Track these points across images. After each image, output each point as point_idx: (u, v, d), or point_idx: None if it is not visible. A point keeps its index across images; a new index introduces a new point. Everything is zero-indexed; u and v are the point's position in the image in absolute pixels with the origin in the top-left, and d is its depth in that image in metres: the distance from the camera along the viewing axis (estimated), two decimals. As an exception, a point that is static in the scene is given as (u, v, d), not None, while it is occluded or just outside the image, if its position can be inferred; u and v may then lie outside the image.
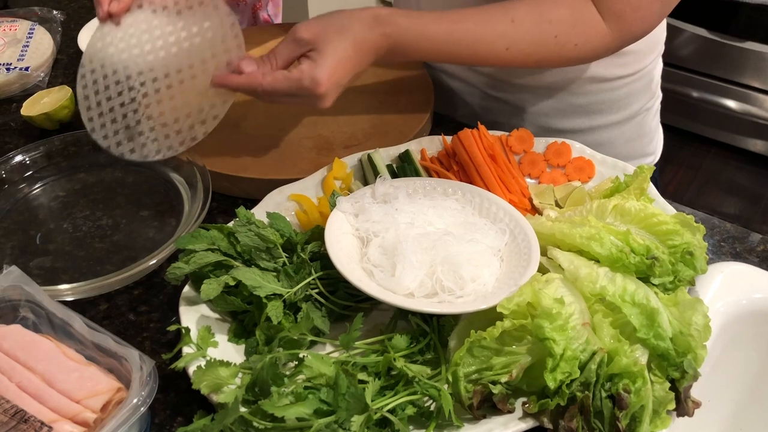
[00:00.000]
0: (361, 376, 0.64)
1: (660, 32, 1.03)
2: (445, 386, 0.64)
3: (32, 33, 1.15)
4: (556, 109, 1.03)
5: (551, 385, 0.61)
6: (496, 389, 0.63)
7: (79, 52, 1.15)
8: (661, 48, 1.05)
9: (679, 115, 2.57)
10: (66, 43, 1.19)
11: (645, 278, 0.70)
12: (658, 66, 1.08)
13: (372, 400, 0.60)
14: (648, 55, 1.02)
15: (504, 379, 0.63)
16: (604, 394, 0.61)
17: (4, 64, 1.08)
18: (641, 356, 0.63)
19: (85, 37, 1.16)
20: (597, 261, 0.71)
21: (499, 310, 0.65)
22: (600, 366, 0.62)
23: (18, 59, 1.09)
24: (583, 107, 1.02)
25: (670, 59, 1.03)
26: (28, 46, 1.12)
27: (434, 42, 0.82)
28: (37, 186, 0.90)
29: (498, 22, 0.82)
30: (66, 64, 1.15)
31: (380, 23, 0.80)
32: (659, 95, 1.11)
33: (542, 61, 0.85)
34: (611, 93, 1.02)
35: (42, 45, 1.14)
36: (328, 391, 0.60)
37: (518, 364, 0.64)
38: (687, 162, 2.57)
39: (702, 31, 2.42)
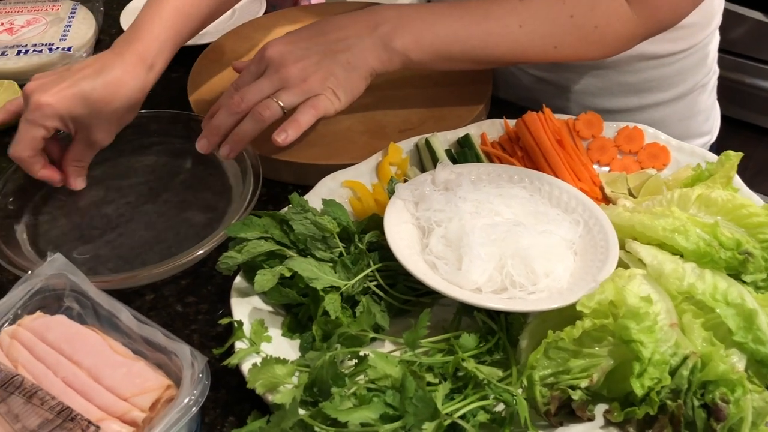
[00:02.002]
0: (427, 377, 0.59)
1: (717, 3, 0.96)
2: (519, 390, 0.59)
3: (74, 13, 1.12)
4: (602, 88, 0.97)
5: (638, 391, 0.56)
6: (576, 395, 0.57)
7: (121, 33, 1.11)
8: (718, 20, 0.99)
9: (730, 102, 2.46)
10: (108, 23, 1.16)
11: (734, 275, 0.64)
12: (715, 40, 1.01)
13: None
14: (704, 29, 0.96)
15: (584, 383, 0.58)
16: (696, 403, 0.56)
17: (46, 44, 1.05)
18: (738, 362, 0.57)
19: (127, 18, 1.12)
20: (681, 255, 0.66)
21: (579, 308, 0.59)
22: (693, 372, 0.56)
23: (60, 39, 1.06)
24: (632, 85, 0.96)
25: (720, 43, 0.98)
26: (70, 26, 1.09)
27: (438, 22, 0.78)
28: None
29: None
30: (108, 45, 1.11)
31: (387, 50, 0.77)
32: (716, 71, 1.05)
33: (562, 46, 0.80)
34: (662, 70, 0.96)
35: (84, 25, 1.10)
36: (394, 394, 0.55)
37: (599, 367, 0.59)
38: (738, 150, 2.47)
39: (757, 15, 2.31)
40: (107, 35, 1.14)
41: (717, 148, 1.05)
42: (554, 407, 0.57)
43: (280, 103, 0.76)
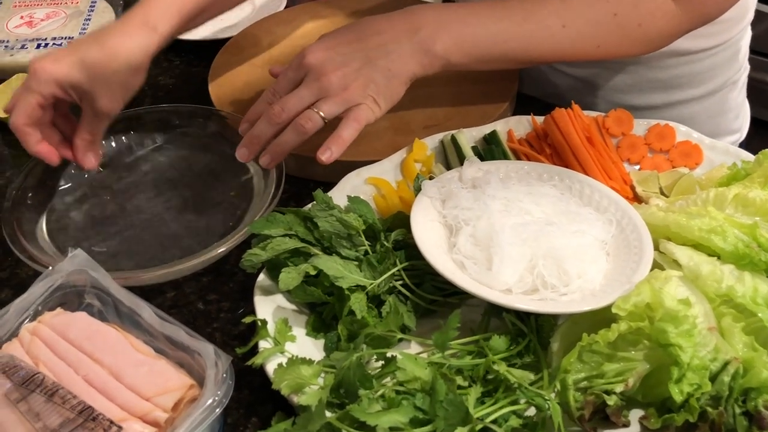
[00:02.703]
0: (456, 380, 0.58)
1: None
2: (552, 394, 0.57)
3: (94, 6, 1.11)
4: (631, 84, 0.95)
5: (677, 398, 0.54)
6: (611, 400, 0.55)
7: (141, 27, 1.10)
8: (751, 16, 0.97)
9: (759, 105, 2.42)
10: (127, 18, 1.15)
11: (773, 278, 0.62)
12: (747, 35, 0.99)
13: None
14: (737, 24, 0.93)
15: (619, 388, 0.56)
16: (738, 411, 0.54)
17: (66, 37, 1.04)
18: (780, 368, 0.55)
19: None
20: (717, 257, 0.64)
21: (614, 311, 0.57)
22: (734, 378, 0.54)
23: (80, 33, 1.05)
24: (661, 82, 0.94)
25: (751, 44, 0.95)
26: (89, 19, 1.08)
27: (477, 25, 0.76)
28: (99, 165, 0.85)
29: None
30: (127, 39, 1.11)
31: (427, 55, 0.75)
32: (746, 67, 1.02)
33: (605, 45, 0.78)
34: (693, 66, 0.94)
35: (104, 19, 1.09)
36: (423, 397, 0.54)
37: (635, 372, 0.57)
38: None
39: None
40: (127, 29, 1.13)
41: (745, 147, 1.03)
42: (588, 412, 0.56)
43: (321, 113, 0.74)
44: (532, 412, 0.58)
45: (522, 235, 0.64)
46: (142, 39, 0.74)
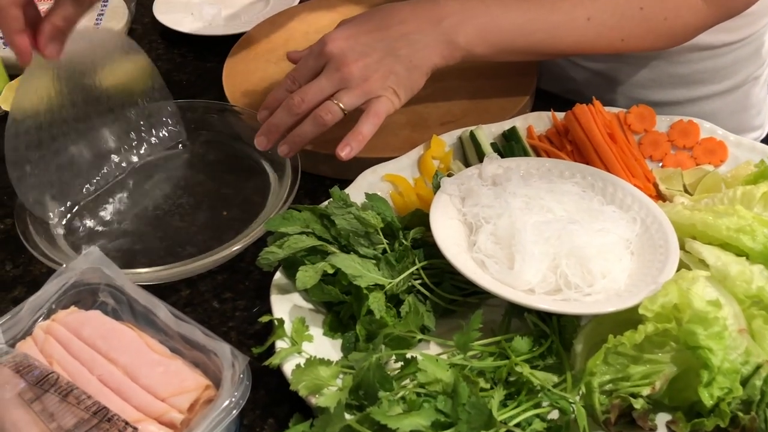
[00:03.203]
0: (479, 382, 0.56)
1: None
2: (576, 397, 0.56)
3: (107, 1, 1.10)
4: (652, 80, 0.93)
5: (707, 402, 0.52)
6: (637, 403, 0.54)
7: (155, 22, 1.09)
8: None
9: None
10: (140, 12, 1.14)
11: (805, 278, 0.60)
12: None
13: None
14: (760, 19, 0.92)
15: (646, 391, 0.55)
16: (769, 416, 0.52)
17: (78, 32, 1.03)
18: (814, 372, 0.53)
19: (159, 7, 1.10)
20: (746, 256, 0.62)
21: (641, 311, 0.56)
22: (766, 382, 0.52)
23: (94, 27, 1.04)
24: (682, 77, 0.93)
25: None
26: (102, 14, 1.07)
27: (509, 31, 0.75)
28: (112, 161, 0.84)
29: None
30: (140, 35, 1.10)
31: (450, 46, 0.74)
32: None
33: (630, 38, 0.77)
34: (715, 61, 0.92)
35: (117, 14, 1.08)
36: (445, 399, 0.52)
37: (662, 374, 0.55)
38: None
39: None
40: (140, 24, 1.12)
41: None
42: (614, 416, 0.54)
43: (341, 105, 0.73)
44: (554, 415, 0.57)
45: (545, 234, 0.62)
46: None
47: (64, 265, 0.64)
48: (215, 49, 1.03)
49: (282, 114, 0.74)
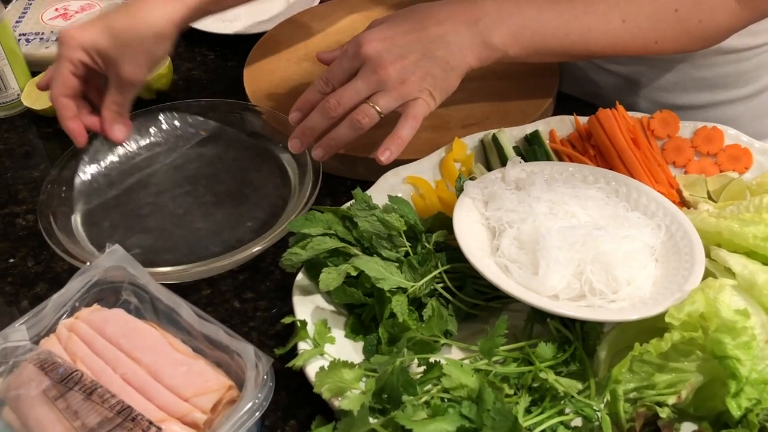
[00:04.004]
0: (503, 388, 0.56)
1: None
2: (601, 405, 0.55)
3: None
4: (675, 83, 0.93)
5: (735, 412, 0.52)
6: (663, 412, 0.53)
7: (175, 20, 1.09)
8: None
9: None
10: (161, 11, 1.14)
11: (831, 289, 0.60)
12: None
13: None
14: None
15: (671, 400, 0.54)
16: (797, 428, 0.51)
17: (100, 30, 1.04)
18: (843, 384, 0.53)
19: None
20: (772, 266, 0.61)
21: (667, 320, 0.56)
22: (794, 394, 0.52)
23: (114, 25, 1.04)
24: (706, 81, 0.92)
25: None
26: (123, 12, 1.07)
27: (544, 33, 0.74)
28: (135, 160, 0.84)
29: None
30: (161, 32, 1.10)
31: (486, 47, 0.73)
32: None
33: (663, 40, 0.76)
34: (740, 65, 0.91)
35: (137, 11, 1.08)
36: (470, 405, 0.52)
37: (688, 383, 0.55)
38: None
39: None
40: (160, 22, 1.12)
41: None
42: (639, 425, 0.54)
43: (378, 108, 0.72)
44: (577, 422, 0.56)
45: (570, 240, 0.62)
46: (168, 8, 0.76)
47: (88, 263, 0.64)
48: (236, 48, 1.03)
49: (317, 117, 0.74)
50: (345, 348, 0.63)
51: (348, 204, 0.71)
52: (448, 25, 0.73)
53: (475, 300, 0.65)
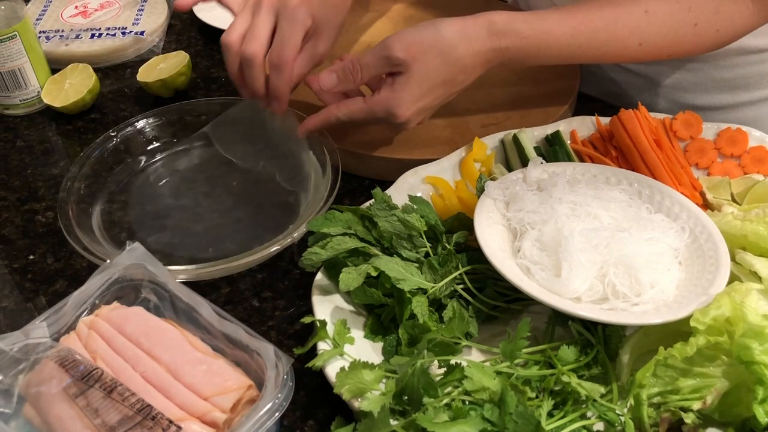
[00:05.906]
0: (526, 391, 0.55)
1: None
2: (624, 409, 0.55)
3: (147, -3, 1.10)
4: (696, 83, 0.92)
5: (762, 419, 0.51)
6: (688, 417, 0.53)
7: (194, 18, 1.09)
8: None
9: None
10: (179, 8, 1.14)
11: None
12: None
13: (542, 422, 0.52)
14: None
15: (696, 405, 0.54)
16: (826, 435, 0.50)
17: (119, 27, 1.04)
18: None
19: (199, 4, 1.10)
20: (799, 270, 0.60)
21: (692, 324, 0.55)
22: (823, 400, 0.51)
23: (133, 23, 1.05)
24: (727, 81, 0.91)
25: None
26: (143, 10, 1.08)
27: (557, 47, 0.73)
28: (154, 158, 0.84)
29: (630, 16, 0.73)
30: (179, 30, 1.10)
31: (496, 36, 0.72)
32: None
33: (676, 53, 0.76)
34: (761, 66, 0.90)
35: (157, 9, 1.09)
36: (492, 408, 0.52)
37: (713, 389, 0.54)
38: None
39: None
40: (179, 20, 1.12)
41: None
42: (663, 430, 0.53)
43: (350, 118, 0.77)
44: (600, 426, 0.56)
45: (593, 242, 0.61)
46: None
47: (108, 261, 0.64)
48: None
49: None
50: (364, 348, 0.63)
51: (367, 204, 0.70)
52: (476, 71, 0.74)
53: (496, 302, 0.65)
